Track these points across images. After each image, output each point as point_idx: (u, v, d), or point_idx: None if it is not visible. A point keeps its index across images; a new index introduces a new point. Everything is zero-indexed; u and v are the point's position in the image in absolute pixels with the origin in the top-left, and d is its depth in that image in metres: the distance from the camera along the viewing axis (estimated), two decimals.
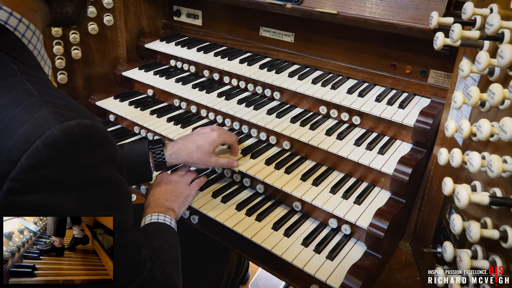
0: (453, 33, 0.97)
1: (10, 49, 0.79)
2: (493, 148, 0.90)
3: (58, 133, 0.68)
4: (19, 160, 0.65)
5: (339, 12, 1.55)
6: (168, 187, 1.36)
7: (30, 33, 0.84)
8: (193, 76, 1.98)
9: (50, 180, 0.68)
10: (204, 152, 1.40)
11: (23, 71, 0.76)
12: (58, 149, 0.68)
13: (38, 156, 0.66)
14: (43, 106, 0.69)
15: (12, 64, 0.76)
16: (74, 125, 0.70)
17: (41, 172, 0.67)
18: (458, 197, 0.82)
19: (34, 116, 0.68)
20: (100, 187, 0.78)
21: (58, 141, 0.68)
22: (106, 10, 1.97)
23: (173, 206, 1.31)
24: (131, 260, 0.88)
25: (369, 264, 1.22)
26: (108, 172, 0.79)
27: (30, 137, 0.66)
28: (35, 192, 0.68)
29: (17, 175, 0.66)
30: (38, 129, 0.67)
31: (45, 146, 0.66)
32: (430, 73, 1.54)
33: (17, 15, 0.81)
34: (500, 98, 0.80)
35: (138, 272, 0.89)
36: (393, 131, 1.50)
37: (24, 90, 0.71)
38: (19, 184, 0.66)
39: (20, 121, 0.67)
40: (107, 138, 0.79)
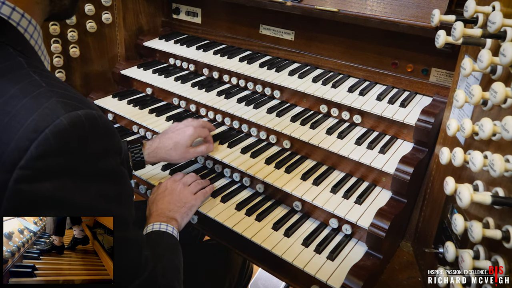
0: (455, 31, 0.97)
1: (15, 43, 0.81)
2: (496, 147, 0.90)
3: (67, 122, 0.69)
4: (28, 149, 0.66)
5: (340, 10, 1.54)
6: (172, 197, 1.35)
7: (32, 28, 0.85)
8: (192, 74, 1.97)
9: (58, 168, 0.70)
10: (182, 148, 1.45)
11: (29, 63, 0.77)
12: (67, 137, 0.69)
13: (47, 144, 0.67)
14: (51, 96, 0.71)
15: (18, 57, 0.78)
16: (82, 114, 0.71)
17: (50, 160, 0.68)
18: (460, 196, 0.81)
19: (42, 106, 0.69)
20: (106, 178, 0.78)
21: (67, 130, 0.69)
22: (104, 8, 1.96)
23: (175, 216, 1.29)
24: (133, 258, 0.87)
25: (370, 264, 1.21)
26: (113, 162, 0.80)
27: (39, 126, 0.67)
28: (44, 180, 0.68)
29: (26, 163, 0.66)
30: (46, 118, 0.68)
31: (54, 134, 0.68)
32: (431, 72, 1.53)
33: (20, 10, 0.82)
34: (503, 97, 0.79)
35: (139, 271, 0.88)
36: (395, 130, 1.49)
37: (32, 81, 0.73)
38: (29, 172, 0.67)
39: (29, 110, 0.69)
40: (112, 129, 0.80)
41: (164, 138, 1.47)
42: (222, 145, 1.61)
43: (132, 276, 0.86)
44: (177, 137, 1.46)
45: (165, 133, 1.51)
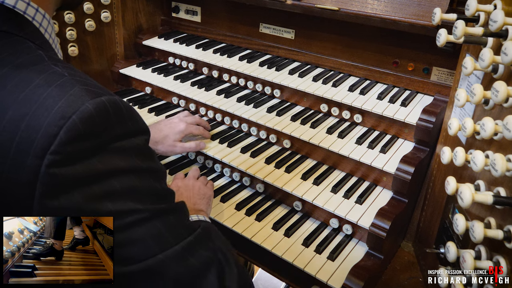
0: (456, 29, 0.96)
1: (34, 37, 0.84)
2: (497, 147, 0.89)
3: (92, 108, 0.72)
4: (57, 134, 0.69)
5: (340, 9, 1.53)
6: (189, 193, 1.34)
7: (46, 22, 0.88)
8: (192, 73, 1.96)
9: (87, 151, 0.72)
10: (169, 142, 1.47)
11: (49, 56, 0.80)
12: (93, 122, 0.72)
13: (75, 129, 0.70)
14: (74, 84, 0.74)
15: (39, 51, 0.81)
16: (105, 100, 0.74)
17: (79, 145, 0.71)
18: (462, 196, 0.81)
19: (68, 93, 0.72)
20: (136, 155, 0.79)
21: (93, 115, 0.72)
22: (103, 6, 1.95)
23: (202, 208, 1.29)
24: (184, 220, 0.86)
25: (371, 264, 1.21)
26: (141, 142, 0.82)
27: (67, 113, 0.70)
28: (74, 163, 0.71)
29: (57, 148, 0.69)
30: (73, 105, 0.71)
31: (81, 120, 0.70)
32: (433, 71, 1.53)
33: (34, 5, 0.85)
34: (504, 96, 0.79)
35: (191, 229, 0.85)
36: (395, 130, 1.49)
37: (54, 71, 0.76)
38: (59, 157, 0.70)
39: (55, 98, 0.72)
40: (135, 112, 0.82)
41: (154, 129, 1.49)
42: (222, 145, 1.60)
43: (186, 234, 0.84)
44: (167, 131, 1.48)
45: (157, 124, 1.53)
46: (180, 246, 0.80)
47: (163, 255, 0.77)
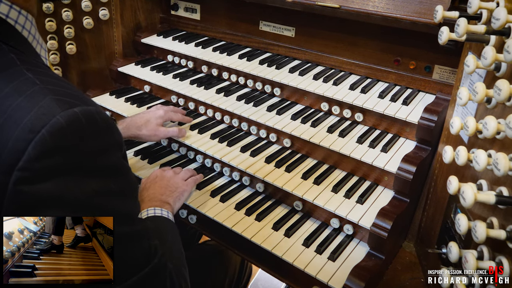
0: (459, 27, 0.96)
1: (7, 38, 0.78)
2: (500, 146, 0.89)
3: (63, 121, 0.68)
4: (26, 150, 0.66)
5: (341, 6, 1.52)
6: (162, 182, 1.35)
7: (23, 18, 0.82)
8: (191, 71, 1.95)
9: (58, 168, 0.69)
10: (152, 125, 1.53)
11: (22, 60, 0.75)
12: (64, 136, 0.68)
13: (44, 144, 0.66)
14: (46, 94, 0.69)
15: (11, 54, 0.76)
16: (79, 111, 0.70)
17: (49, 161, 0.67)
18: (464, 196, 0.81)
19: (38, 105, 0.68)
20: (107, 174, 0.77)
21: (64, 128, 0.68)
22: (101, 4, 1.93)
23: (168, 200, 1.29)
24: (142, 249, 0.86)
25: (372, 265, 1.20)
26: (114, 158, 0.79)
27: (36, 126, 0.66)
28: (44, 180, 0.68)
29: (25, 165, 0.66)
30: (43, 118, 0.67)
31: (50, 134, 0.66)
32: (434, 69, 1.51)
33: (7, 2, 0.79)
34: (507, 95, 0.78)
35: (150, 259, 0.86)
36: (397, 128, 1.48)
37: (26, 79, 0.71)
38: (28, 174, 0.66)
39: (24, 110, 0.67)
40: (111, 124, 0.79)
41: (135, 117, 1.56)
42: (221, 144, 1.59)
43: (142, 265, 0.85)
44: (148, 115, 1.55)
45: (136, 114, 1.60)
46: (137, 277, 0.81)
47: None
